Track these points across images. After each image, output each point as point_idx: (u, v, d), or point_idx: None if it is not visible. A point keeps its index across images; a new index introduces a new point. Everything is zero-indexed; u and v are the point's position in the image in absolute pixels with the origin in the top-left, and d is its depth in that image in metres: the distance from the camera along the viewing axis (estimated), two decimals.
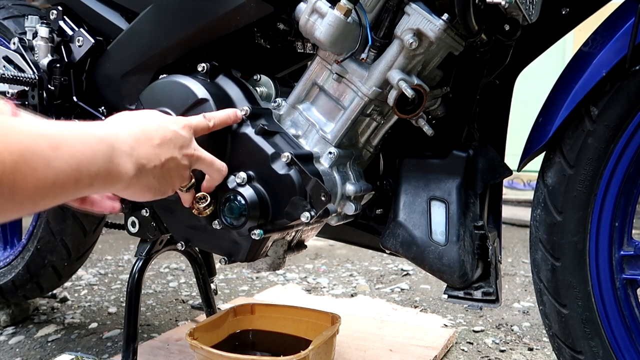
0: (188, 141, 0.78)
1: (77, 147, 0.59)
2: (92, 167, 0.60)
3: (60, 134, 0.57)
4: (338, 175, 0.94)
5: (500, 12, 0.87)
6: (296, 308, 1.27)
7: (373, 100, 0.90)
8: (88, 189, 0.61)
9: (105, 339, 1.49)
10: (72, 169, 0.57)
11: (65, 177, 0.57)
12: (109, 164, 0.63)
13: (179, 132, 0.76)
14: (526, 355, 1.41)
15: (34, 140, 0.53)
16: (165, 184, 0.76)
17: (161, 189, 0.76)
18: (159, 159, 0.72)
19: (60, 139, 0.57)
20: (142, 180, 0.70)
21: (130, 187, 0.69)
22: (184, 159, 0.77)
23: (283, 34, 0.98)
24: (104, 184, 0.63)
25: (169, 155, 0.74)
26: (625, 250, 0.86)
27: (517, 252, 2.68)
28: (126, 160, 0.66)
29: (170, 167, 0.74)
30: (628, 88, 0.80)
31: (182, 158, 0.77)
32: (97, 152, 0.62)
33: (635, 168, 0.83)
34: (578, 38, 1.39)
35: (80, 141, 0.60)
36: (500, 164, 1.00)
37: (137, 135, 0.70)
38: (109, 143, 0.64)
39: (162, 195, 0.78)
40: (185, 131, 0.78)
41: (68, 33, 1.12)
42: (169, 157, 0.74)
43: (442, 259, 0.93)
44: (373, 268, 2.31)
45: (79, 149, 0.59)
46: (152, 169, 0.71)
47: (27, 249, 1.42)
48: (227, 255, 0.96)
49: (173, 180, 0.77)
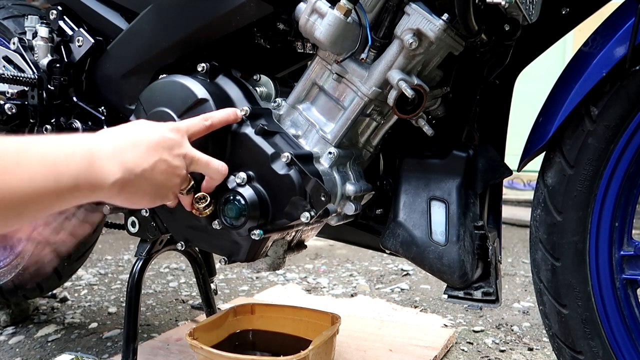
0: (178, 143, 0.77)
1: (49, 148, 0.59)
2: (70, 169, 0.60)
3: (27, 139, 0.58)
4: (338, 175, 0.94)
5: (500, 12, 0.87)
6: (296, 308, 1.27)
7: (373, 100, 0.90)
8: (75, 194, 0.61)
9: (105, 339, 1.49)
10: (48, 169, 0.57)
11: (42, 178, 0.57)
12: (89, 166, 0.63)
13: (167, 135, 0.76)
14: (526, 355, 1.41)
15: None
16: (162, 188, 0.75)
17: (159, 194, 0.75)
18: (147, 162, 0.71)
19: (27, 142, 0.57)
20: (134, 185, 0.69)
21: (123, 192, 0.68)
22: (176, 160, 0.76)
23: (283, 34, 0.98)
24: (89, 189, 0.63)
25: (157, 157, 0.73)
26: (625, 250, 0.86)
27: (517, 252, 2.68)
28: (108, 162, 0.66)
29: (161, 169, 0.74)
30: (628, 88, 0.80)
31: (174, 159, 0.76)
32: (74, 153, 0.61)
33: (635, 168, 0.83)
34: (578, 38, 1.39)
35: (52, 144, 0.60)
36: (500, 164, 1.00)
37: (120, 142, 0.69)
38: (86, 146, 0.64)
39: (163, 201, 0.77)
40: (173, 134, 0.77)
41: (68, 33, 1.12)
42: (157, 160, 0.73)
43: (442, 259, 0.93)
44: (373, 268, 2.31)
45: (52, 150, 0.59)
46: (142, 173, 0.70)
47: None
48: (227, 255, 0.96)
49: (169, 184, 0.76)
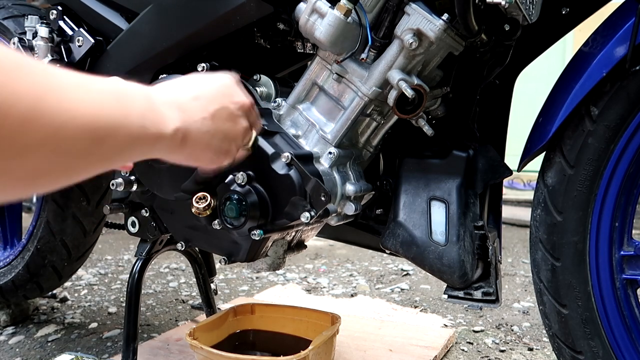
0: (237, 92, 0.72)
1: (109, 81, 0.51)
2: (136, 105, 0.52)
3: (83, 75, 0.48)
4: (338, 175, 0.94)
5: (500, 12, 0.87)
6: (296, 308, 1.27)
7: (373, 100, 0.90)
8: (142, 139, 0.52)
9: (105, 338, 1.49)
10: (116, 98, 0.49)
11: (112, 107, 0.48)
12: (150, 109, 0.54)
13: (226, 83, 0.70)
14: (526, 355, 1.41)
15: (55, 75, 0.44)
16: (225, 140, 0.68)
17: (222, 148, 0.68)
18: (207, 111, 0.65)
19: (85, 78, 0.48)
20: (196, 136, 0.62)
21: (185, 145, 0.61)
22: (236, 108, 0.70)
23: (283, 34, 0.98)
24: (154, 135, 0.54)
25: (217, 105, 0.66)
26: (625, 250, 0.86)
27: (517, 252, 2.68)
28: (167, 109, 0.58)
29: (222, 117, 0.67)
30: (628, 88, 0.80)
31: (234, 107, 0.70)
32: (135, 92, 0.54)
33: (636, 168, 0.83)
34: (578, 38, 1.39)
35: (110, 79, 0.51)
36: (500, 164, 1.00)
37: (177, 91, 0.63)
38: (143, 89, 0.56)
39: (226, 157, 0.70)
40: (231, 82, 0.72)
41: (68, 33, 1.11)
42: (218, 108, 0.66)
43: (442, 259, 0.93)
44: (373, 268, 2.31)
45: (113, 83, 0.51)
46: (202, 122, 0.63)
47: (27, 248, 1.42)
48: (227, 255, 0.96)
49: (231, 134, 0.69)
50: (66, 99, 0.44)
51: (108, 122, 0.47)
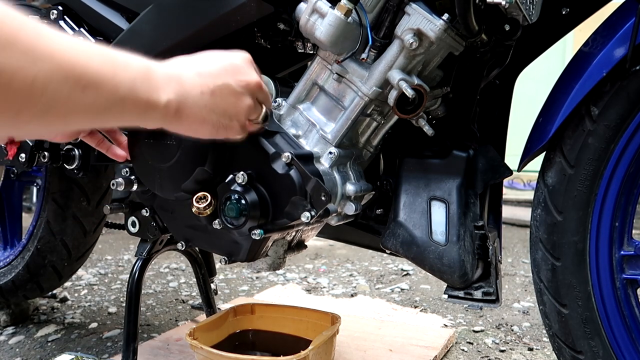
0: (244, 70, 0.72)
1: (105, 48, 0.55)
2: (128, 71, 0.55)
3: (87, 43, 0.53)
4: (338, 175, 0.94)
5: (500, 12, 0.87)
6: (296, 308, 1.27)
7: (373, 100, 0.91)
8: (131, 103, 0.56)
9: (105, 339, 1.49)
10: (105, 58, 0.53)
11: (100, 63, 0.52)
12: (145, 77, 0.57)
13: (233, 62, 0.71)
14: (526, 355, 1.41)
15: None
16: (224, 116, 0.69)
17: (222, 123, 0.69)
18: (207, 86, 0.65)
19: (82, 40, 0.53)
20: (193, 110, 0.63)
21: (181, 118, 0.62)
22: (240, 86, 0.70)
23: (283, 34, 0.98)
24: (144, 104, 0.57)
25: (220, 81, 0.67)
26: (626, 250, 0.86)
27: (517, 252, 2.68)
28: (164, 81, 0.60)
29: (223, 94, 0.67)
30: (628, 88, 0.80)
31: (238, 85, 0.70)
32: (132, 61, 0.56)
33: (636, 168, 0.83)
34: (578, 38, 1.39)
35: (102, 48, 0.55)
36: (500, 164, 1.00)
37: (181, 65, 0.64)
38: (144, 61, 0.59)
39: (228, 132, 0.71)
40: (240, 61, 0.72)
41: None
42: (220, 84, 0.67)
43: (442, 259, 0.93)
44: (373, 268, 2.31)
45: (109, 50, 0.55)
46: (200, 97, 0.64)
47: (27, 248, 1.42)
48: (227, 255, 0.96)
49: (232, 111, 0.70)
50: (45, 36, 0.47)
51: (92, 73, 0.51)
